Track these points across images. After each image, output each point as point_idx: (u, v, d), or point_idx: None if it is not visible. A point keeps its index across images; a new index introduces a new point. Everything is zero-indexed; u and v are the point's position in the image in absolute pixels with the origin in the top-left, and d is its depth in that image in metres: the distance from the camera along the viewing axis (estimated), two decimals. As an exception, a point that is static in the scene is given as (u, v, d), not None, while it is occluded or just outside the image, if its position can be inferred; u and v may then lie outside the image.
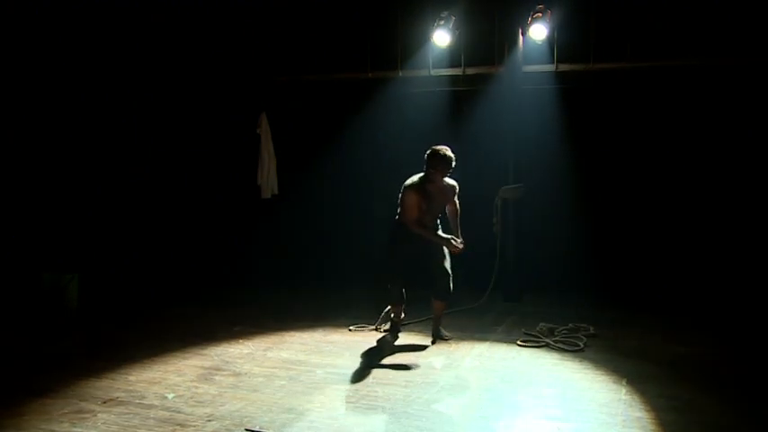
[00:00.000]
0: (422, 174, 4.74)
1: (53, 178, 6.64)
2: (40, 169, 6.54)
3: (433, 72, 6.87)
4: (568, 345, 4.75)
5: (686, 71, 6.19)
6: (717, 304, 5.95)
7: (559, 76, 6.50)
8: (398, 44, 6.93)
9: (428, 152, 4.66)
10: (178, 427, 3.32)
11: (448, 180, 4.84)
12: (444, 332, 5.00)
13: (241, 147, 7.43)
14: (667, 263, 6.40)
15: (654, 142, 6.46)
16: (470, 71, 6.78)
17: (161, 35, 7.18)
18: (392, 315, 5.13)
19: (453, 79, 6.87)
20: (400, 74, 6.97)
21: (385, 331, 5.19)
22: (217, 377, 4.11)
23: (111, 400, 3.70)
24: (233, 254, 7.54)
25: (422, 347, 4.82)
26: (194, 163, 7.58)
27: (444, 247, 4.82)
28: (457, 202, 5.02)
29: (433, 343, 4.89)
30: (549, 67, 6.50)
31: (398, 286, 4.93)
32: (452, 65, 6.80)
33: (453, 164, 4.65)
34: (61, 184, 6.69)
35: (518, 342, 4.86)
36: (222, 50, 7.39)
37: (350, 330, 5.28)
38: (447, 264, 4.83)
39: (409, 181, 4.75)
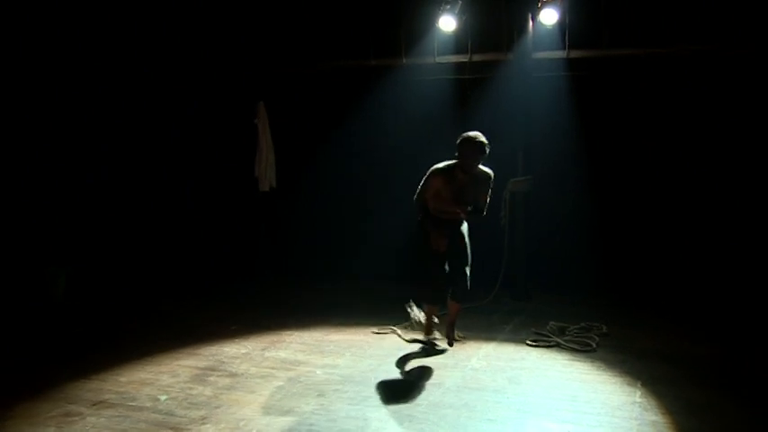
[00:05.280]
0: (452, 161, 4.60)
1: (45, 171, 6.62)
2: (32, 161, 6.52)
3: (439, 59, 6.84)
4: (580, 345, 4.74)
5: (705, 57, 6.11)
6: (735, 302, 5.89)
7: (571, 63, 6.44)
8: (402, 30, 6.90)
9: (457, 143, 4.54)
10: (171, 431, 3.30)
11: (483, 168, 4.66)
12: (457, 333, 4.95)
13: (238, 137, 7.41)
14: (684, 259, 6.35)
15: (671, 133, 6.39)
16: (477, 58, 6.74)
17: (156, 24, 7.15)
18: (423, 318, 4.85)
19: (459, 67, 6.83)
20: (404, 61, 6.93)
21: (414, 341, 4.94)
22: (212, 378, 4.10)
23: (100, 402, 3.70)
24: (230, 249, 7.54)
25: (426, 347, 4.80)
26: (190, 155, 7.58)
27: (468, 248, 4.69)
28: (488, 196, 4.76)
29: (450, 345, 4.78)
30: (561, 54, 6.45)
31: (441, 281, 4.66)
32: (458, 51, 6.77)
33: (484, 149, 4.50)
34: (53, 177, 6.67)
35: (527, 342, 4.86)
36: (218, 38, 7.36)
37: (374, 333, 5.13)
38: (467, 266, 4.72)
39: (437, 165, 4.63)
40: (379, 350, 4.71)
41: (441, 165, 4.61)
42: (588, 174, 6.56)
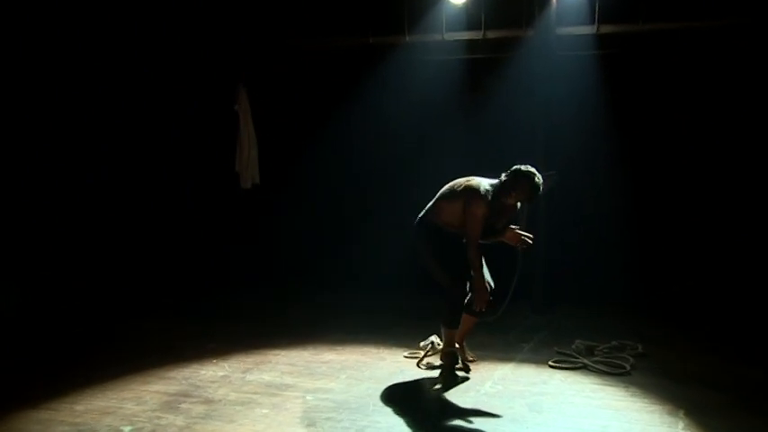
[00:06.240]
0: (494, 183, 4.49)
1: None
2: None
3: (447, 36, 6.83)
4: (611, 366, 4.68)
5: (754, 31, 6.01)
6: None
7: (601, 40, 6.42)
8: (405, 3, 6.84)
9: (516, 170, 4.41)
10: (133, 470, 3.24)
11: None
12: (470, 353, 4.85)
13: (216, 127, 7.39)
14: (729, 267, 6.29)
15: (717, 120, 6.33)
16: (492, 35, 6.73)
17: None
18: (448, 344, 4.67)
19: (471, 45, 6.81)
20: (407, 39, 6.91)
21: (430, 366, 4.83)
22: (185, 405, 4.04)
23: (51, 436, 3.60)
24: (206, 255, 7.55)
25: (433, 369, 4.74)
26: (160, 148, 7.54)
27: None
28: None
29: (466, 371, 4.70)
30: (589, 29, 6.42)
31: (462, 299, 4.54)
32: (470, 28, 6.76)
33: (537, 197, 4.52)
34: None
35: (550, 363, 4.80)
36: (192, 10, 7.30)
37: (405, 357, 5.01)
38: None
39: (480, 186, 4.44)
40: (378, 372, 4.63)
41: (482, 190, 4.42)
42: (619, 168, 6.52)
